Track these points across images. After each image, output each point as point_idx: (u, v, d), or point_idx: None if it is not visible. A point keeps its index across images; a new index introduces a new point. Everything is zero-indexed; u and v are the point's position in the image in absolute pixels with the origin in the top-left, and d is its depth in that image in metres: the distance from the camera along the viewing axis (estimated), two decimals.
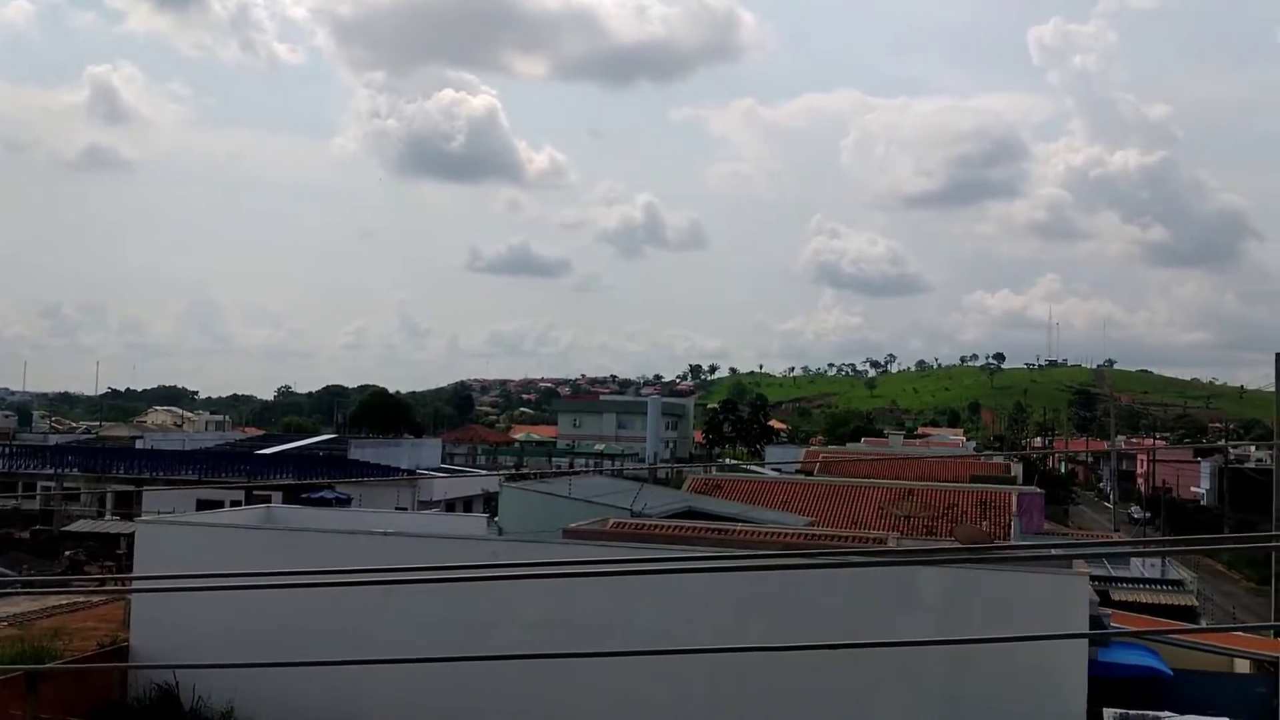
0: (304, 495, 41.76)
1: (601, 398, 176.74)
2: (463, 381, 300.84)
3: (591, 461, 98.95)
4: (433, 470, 60.41)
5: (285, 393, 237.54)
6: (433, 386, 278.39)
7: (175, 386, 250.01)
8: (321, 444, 68.72)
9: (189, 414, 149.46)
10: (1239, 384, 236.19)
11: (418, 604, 19.63)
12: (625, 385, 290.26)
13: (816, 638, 17.73)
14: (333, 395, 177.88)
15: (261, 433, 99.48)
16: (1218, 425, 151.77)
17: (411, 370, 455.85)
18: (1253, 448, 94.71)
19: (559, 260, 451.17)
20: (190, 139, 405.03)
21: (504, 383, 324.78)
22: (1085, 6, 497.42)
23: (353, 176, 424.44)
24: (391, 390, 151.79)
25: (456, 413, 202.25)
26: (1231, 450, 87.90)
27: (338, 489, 42.93)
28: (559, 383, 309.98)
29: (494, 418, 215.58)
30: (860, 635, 18.00)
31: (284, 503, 38.60)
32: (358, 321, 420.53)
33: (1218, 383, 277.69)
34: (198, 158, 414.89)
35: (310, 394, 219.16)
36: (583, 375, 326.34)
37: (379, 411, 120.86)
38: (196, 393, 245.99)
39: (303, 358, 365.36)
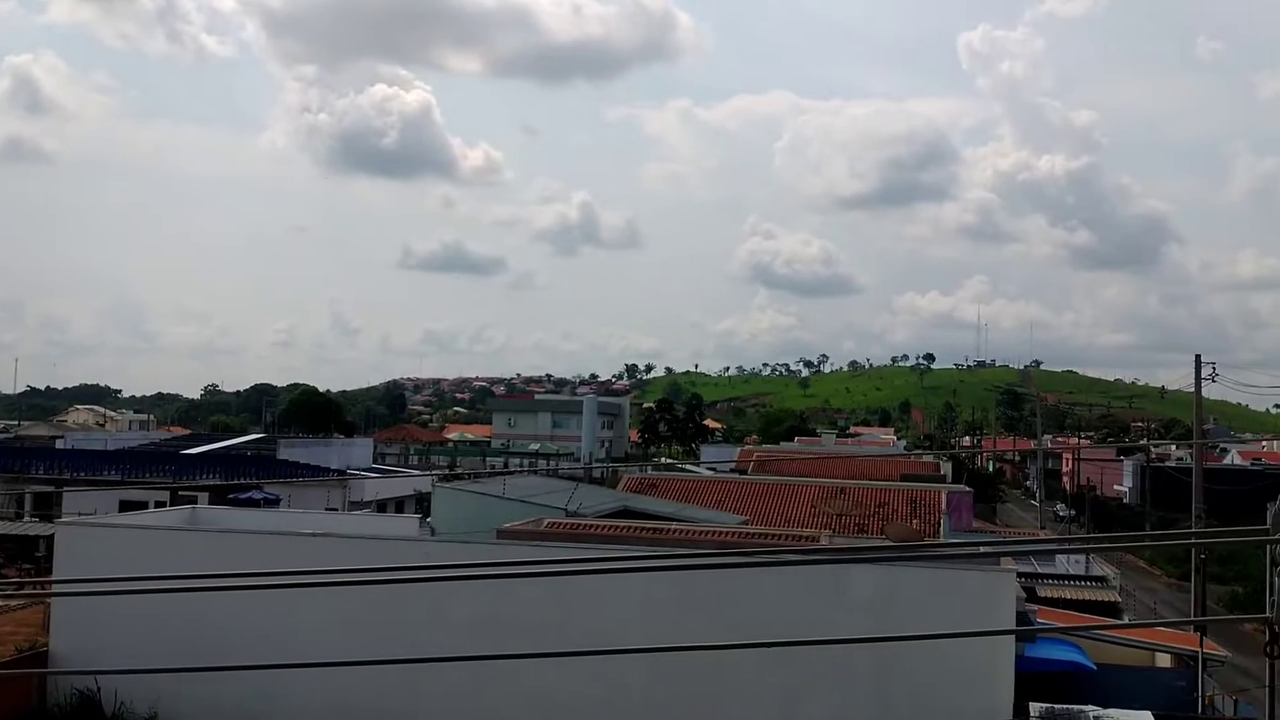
0: (231, 496, 41.03)
1: (537, 397, 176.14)
2: (395, 380, 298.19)
3: (526, 461, 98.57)
4: (364, 470, 59.73)
5: (212, 391, 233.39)
6: (364, 385, 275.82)
7: (97, 385, 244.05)
8: (249, 443, 67.59)
9: (111, 413, 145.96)
10: (1160, 384, 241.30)
11: (348, 606, 19.36)
12: (561, 384, 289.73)
13: (750, 635, 17.82)
14: (261, 394, 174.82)
15: (187, 432, 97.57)
16: (1140, 425, 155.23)
17: (342, 369, 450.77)
18: (1173, 447, 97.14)
19: (493, 258, 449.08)
20: (114, 132, 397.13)
21: (437, 382, 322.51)
22: (1013, 14, 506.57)
23: (283, 172, 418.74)
24: (322, 389, 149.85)
25: (389, 412, 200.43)
26: (1153, 449, 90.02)
27: (266, 489, 42.25)
28: (493, 382, 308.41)
29: (427, 417, 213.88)
30: (794, 632, 18.12)
31: (211, 504, 37.89)
32: (287, 319, 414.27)
33: (1140, 383, 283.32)
34: (122, 151, 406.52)
35: (238, 393, 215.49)
36: (518, 374, 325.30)
37: (309, 411, 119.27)
38: (119, 391, 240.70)
39: (230, 356, 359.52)
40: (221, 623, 19.02)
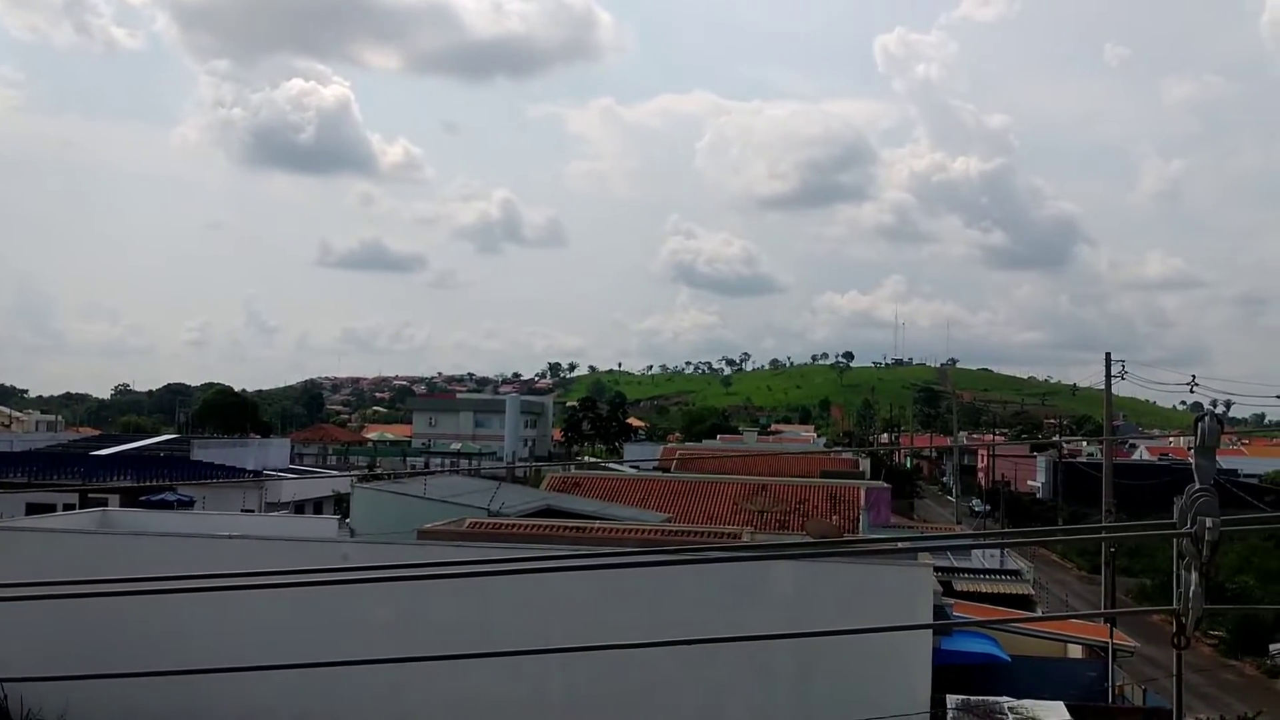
0: (144, 498, 40.07)
1: (458, 396, 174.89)
2: (313, 380, 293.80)
3: (448, 461, 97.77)
4: (281, 471, 58.73)
5: (123, 391, 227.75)
6: (281, 385, 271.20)
7: (2, 385, 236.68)
8: (162, 444, 66.06)
9: (17, 413, 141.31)
10: (1072, 382, 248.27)
11: (265, 609, 19.01)
12: (483, 383, 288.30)
13: (672, 633, 17.86)
14: (174, 394, 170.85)
15: (98, 433, 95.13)
16: (1052, 421, 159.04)
17: (258, 368, 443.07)
18: (1084, 443, 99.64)
19: (414, 256, 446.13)
20: (21, 126, 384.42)
21: (356, 381, 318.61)
22: (928, 17, 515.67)
23: (197, 167, 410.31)
24: (237, 388, 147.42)
25: (306, 412, 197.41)
26: (1065, 446, 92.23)
27: (180, 491, 41.38)
28: (414, 381, 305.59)
29: (346, 417, 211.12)
30: (715, 630, 18.19)
31: (122, 506, 36.95)
32: (202, 317, 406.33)
33: (1053, 380, 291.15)
34: (29, 145, 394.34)
35: (150, 392, 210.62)
36: (439, 373, 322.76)
37: (224, 410, 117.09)
38: (26, 391, 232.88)
39: (142, 355, 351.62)
40: (135, 627, 18.57)
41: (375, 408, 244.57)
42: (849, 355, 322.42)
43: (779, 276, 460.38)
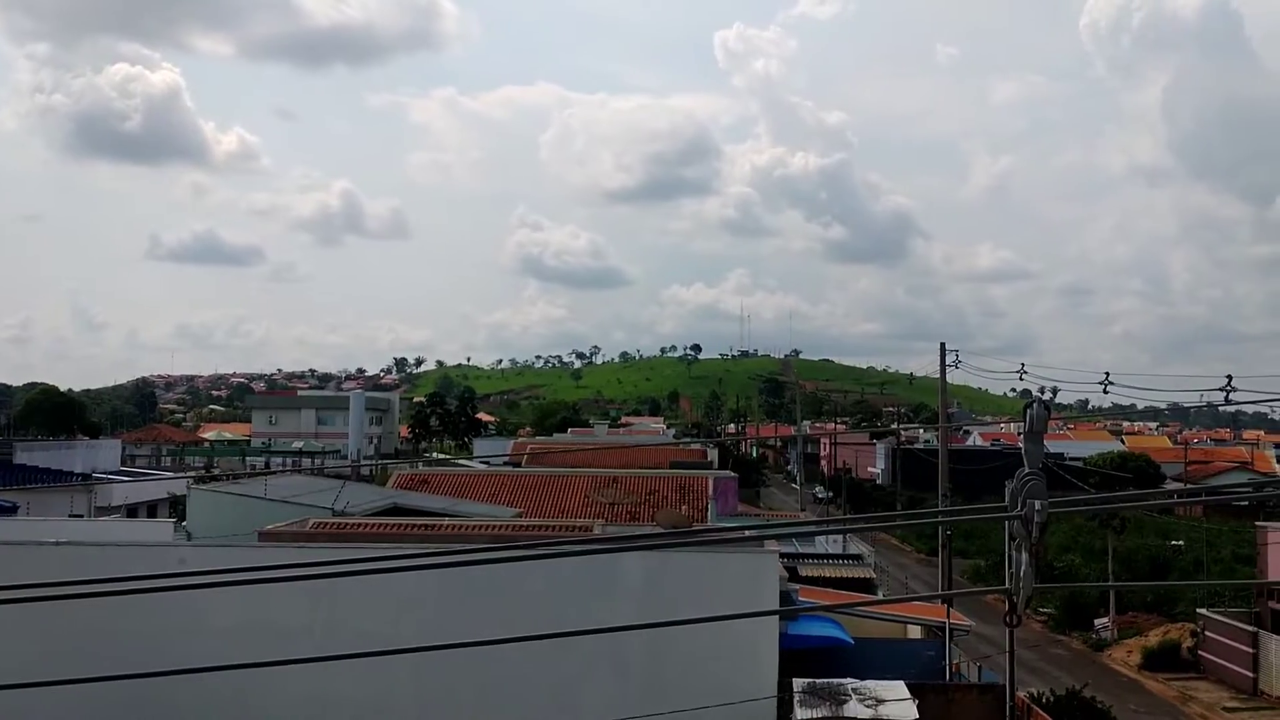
0: None
1: (300, 393, 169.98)
2: (144, 378, 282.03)
3: (290, 460, 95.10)
4: (111, 474, 56.20)
5: None
6: (110, 384, 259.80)
7: None
8: None
9: None
10: (909, 371, 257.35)
11: (97, 618, 18.18)
12: (325, 379, 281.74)
13: (525, 628, 17.70)
14: None
15: None
16: (891, 410, 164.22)
17: (85, 366, 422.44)
18: (921, 430, 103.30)
19: (250, 248, 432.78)
20: None
21: (191, 378, 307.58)
22: (766, 14, 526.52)
23: (13, 156, 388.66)
24: (63, 388, 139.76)
25: (138, 411, 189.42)
26: (903, 433, 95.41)
27: (1, 497, 39.22)
28: (252, 378, 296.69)
29: (180, 416, 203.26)
30: (567, 623, 18.19)
31: None
32: (22, 313, 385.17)
33: (891, 370, 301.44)
34: None
35: None
36: (279, 370, 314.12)
37: (48, 411, 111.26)
38: None
39: None
40: None
41: (212, 406, 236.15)
42: (697, 347, 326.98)
43: (627, 269, 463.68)
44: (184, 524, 30.80)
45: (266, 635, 17.93)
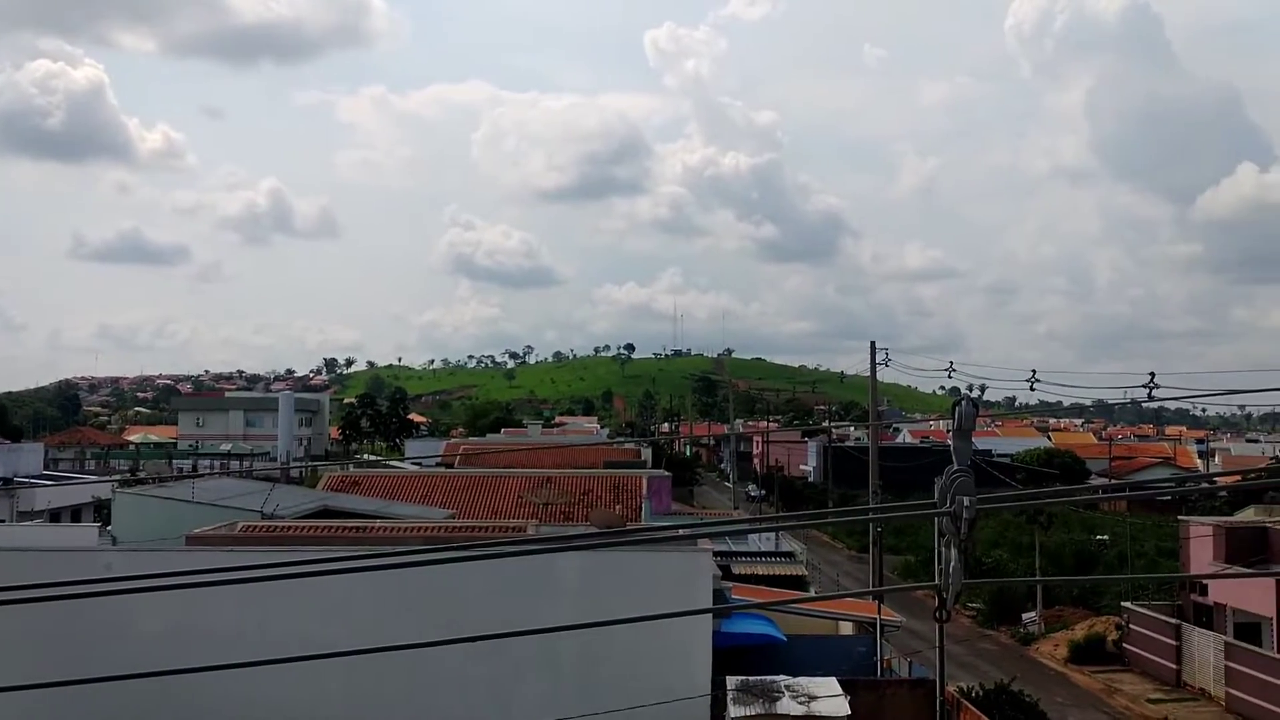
0: None
1: (227, 394, 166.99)
2: (67, 380, 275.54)
3: (217, 463, 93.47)
4: (34, 478, 54.81)
5: None
6: (32, 385, 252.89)
7: None
8: None
9: None
10: (840, 369, 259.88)
11: (20, 624, 17.76)
12: (254, 381, 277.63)
13: (459, 630, 17.64)
14: None
15: None
16: (822, 408, 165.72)
17: (6, 368, 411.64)
18: (852, 428, 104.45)
19: (176, 247, 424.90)
20: None
21: (115, 380, 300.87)
22: (697, 13, 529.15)
23: None
24: None
25: (61, 414, 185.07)
26: (834, 431, 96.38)
27: None
28: (179, 379, 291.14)
29: (105, 418, 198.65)
30: (502, 624, 18.10)
31: None
32: None
33: (822, 369, 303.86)
34: None
35: None
36: (206, 371, 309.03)
37: None
38: None
39: None
40: None
41: (137, 408, 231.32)
42: (630, 347, 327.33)
43: (559, 268, 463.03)
44: (109, 528, 30.16)
45: (196, 640, 17.65)
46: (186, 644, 17.61)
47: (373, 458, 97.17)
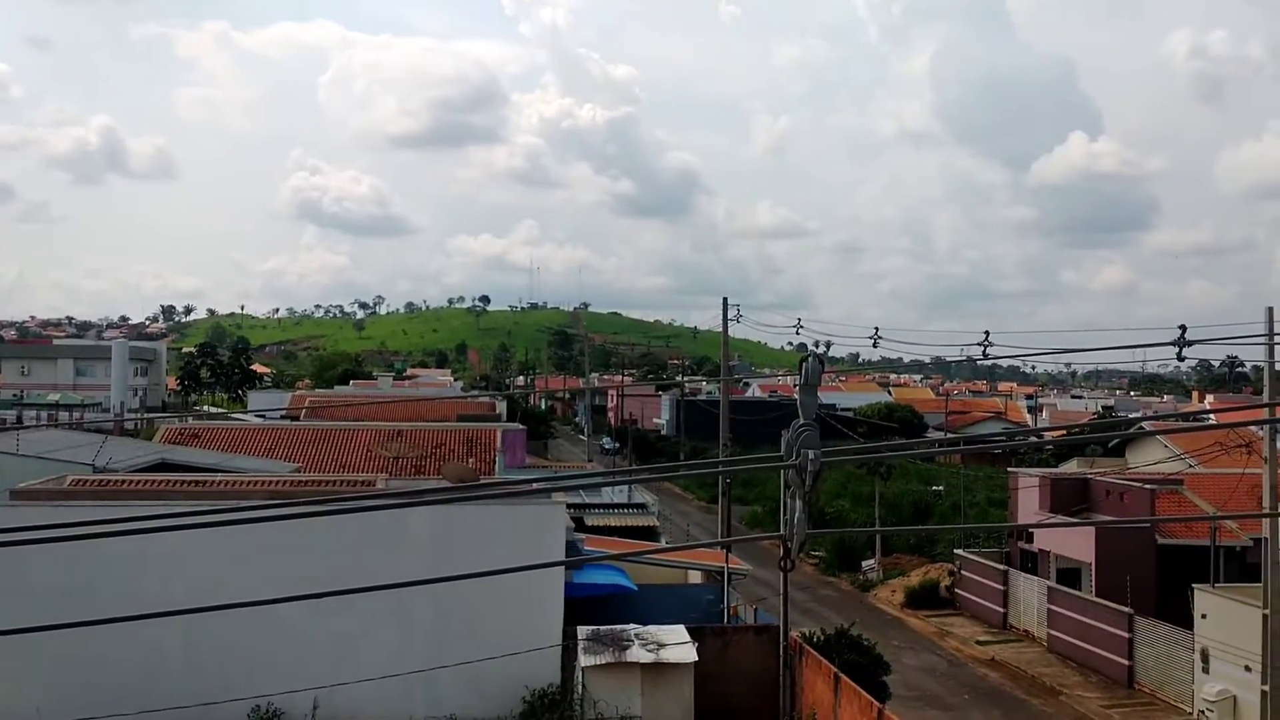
0: None
1: (56, 342, 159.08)
2: None
3: (45, 413, 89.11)
4: None
5: None
6: None
7: None
8: None
9: None
10: (694, 325, 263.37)
11: None
12: (85, 328, 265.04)
13: (306, 585, 17.27)
14: None
15: None
16: (676, 362, 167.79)
17: None
18: (704, 382, 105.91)
19: None
20: None
21: None
22: None
23: None
24: None
25: None
26: (686, 385, 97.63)
27: None
28: (2, 325, 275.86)
29: None
30: (351, 579, 17.82)
31: None
32: None
33: (676, 324, 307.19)
34: None
35: None
36: (32, 317, 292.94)
37: None
38: None
39: None
40: None
41: None
42: (485, 299, 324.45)
43: (412, 217, 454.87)
44: None
45: (20, 600, 16.88)
46: (10, 603, 16.85)
47: (214, 410, 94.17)
